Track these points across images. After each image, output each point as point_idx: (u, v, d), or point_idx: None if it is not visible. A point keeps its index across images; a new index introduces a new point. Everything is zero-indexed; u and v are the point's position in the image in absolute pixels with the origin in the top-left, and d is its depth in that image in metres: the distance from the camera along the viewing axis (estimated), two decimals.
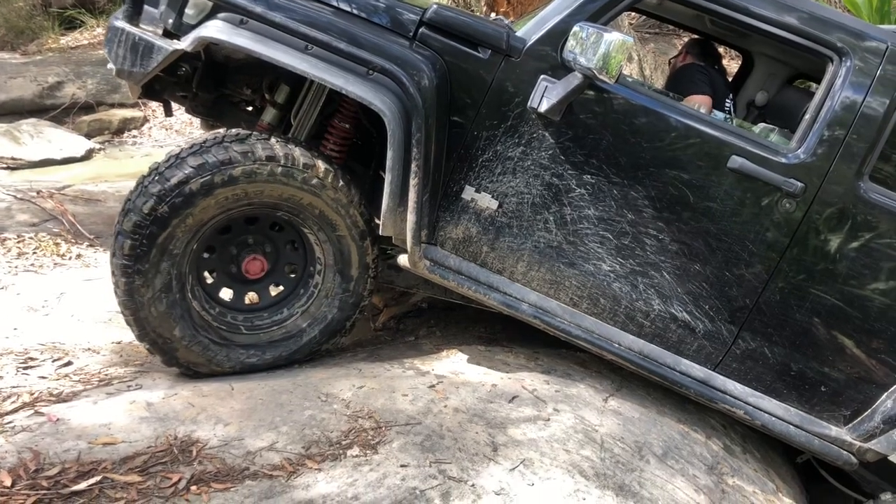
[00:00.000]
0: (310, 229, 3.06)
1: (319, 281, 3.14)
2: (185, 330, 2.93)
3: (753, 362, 3.15)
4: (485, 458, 2.56)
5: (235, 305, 3.17)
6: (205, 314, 3.04)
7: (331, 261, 3.10)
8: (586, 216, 3.05)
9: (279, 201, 2.93)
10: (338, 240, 3.06)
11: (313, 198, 2.94)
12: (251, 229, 3.10)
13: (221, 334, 3.06)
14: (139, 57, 2.84)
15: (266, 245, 3.14)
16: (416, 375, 3.09)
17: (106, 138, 8.92)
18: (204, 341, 2.98)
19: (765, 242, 3.01)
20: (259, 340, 3.13)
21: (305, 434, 2.54)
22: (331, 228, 3.03)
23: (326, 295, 3.14)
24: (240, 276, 3.12)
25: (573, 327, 3.16)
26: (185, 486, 2.22)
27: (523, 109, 2.95)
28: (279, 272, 3.19)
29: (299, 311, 3.16)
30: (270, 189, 2.87)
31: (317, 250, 3.11)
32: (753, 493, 3.05)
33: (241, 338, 3.11)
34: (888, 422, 3.07)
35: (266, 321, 3.16)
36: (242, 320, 3.14)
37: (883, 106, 2.90)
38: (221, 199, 2.81)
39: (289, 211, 2.99)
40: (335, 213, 2.99)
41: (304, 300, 3.17)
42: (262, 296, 3.20)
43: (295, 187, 2.89)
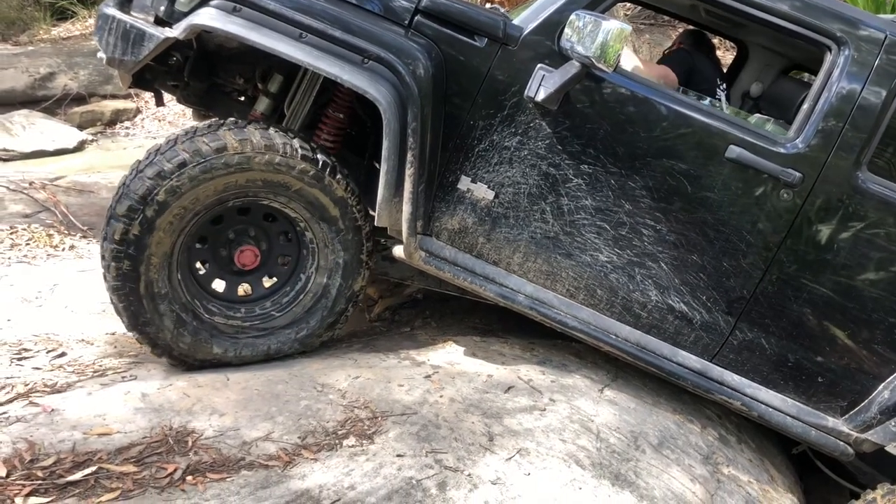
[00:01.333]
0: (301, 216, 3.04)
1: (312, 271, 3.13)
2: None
3: (750, 353, 3.15)
4: (481, 448, 2.55)
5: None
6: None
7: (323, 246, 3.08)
8: (583, 206, 3.04)
9: (271, 190, 2.91)
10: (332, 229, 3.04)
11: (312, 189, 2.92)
12: (244, 220, 3.07)
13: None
14: (130, 45, 2.80)
15: (261, 237, 3.12)
16: (411, 366, 3.08)
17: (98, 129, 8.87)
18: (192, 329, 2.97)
19: (762, 233, 3.00)
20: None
21: (301, 424, 2.53)
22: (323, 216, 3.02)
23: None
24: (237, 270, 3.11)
25: (570, 318, 3.15)
26: (180, 476, 2.21)
27: (520, 98, 2.94)
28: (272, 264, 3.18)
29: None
30: (263, 176, 2.85)
31: (308, 236, 3.08)
32: (749, 483, 3.06)
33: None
34: (885, 412, 3.07)
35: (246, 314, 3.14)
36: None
37: (881, 96, 2.89)
38: (220, 186, 2.80)
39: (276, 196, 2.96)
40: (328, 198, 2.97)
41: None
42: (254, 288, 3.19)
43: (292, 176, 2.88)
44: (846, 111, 2.90)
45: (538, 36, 2.93)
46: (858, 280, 3.01)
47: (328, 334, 3.17)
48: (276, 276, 3.16)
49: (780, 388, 3.17)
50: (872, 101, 2.89)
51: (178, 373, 2.95)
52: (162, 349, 2.94)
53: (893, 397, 3.06)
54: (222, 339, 3.03)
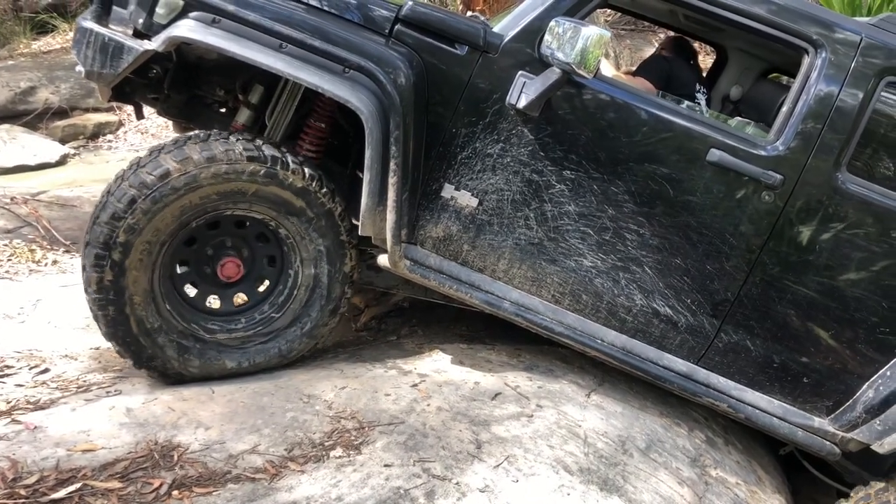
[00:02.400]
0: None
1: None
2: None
3: (736, 355, 3.16)
4: (469, 456, 2.55)
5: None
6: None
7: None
8: (567, 212, 3.04)
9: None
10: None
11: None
12: (216, 234, 3.05)
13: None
14: (109, 58, 2.79)
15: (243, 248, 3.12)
16: (398, 375, 3.07)
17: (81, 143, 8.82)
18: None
19: (744, 235, 3.02)
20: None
21: (288, 436, 2.52)
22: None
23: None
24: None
25: (556, 324, 3.15)
26: (166, 491, 2.20)
27: (502, 106, 2.94)
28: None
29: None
30: (216, 189, 2.82)
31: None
32: (736, 485, 3.06)
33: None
34: (870, 411, 3.08)
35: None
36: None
37: (858, 98, 2.92)
38: (176, 211, 2.79)
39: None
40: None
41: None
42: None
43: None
44: (824, 113, 2.93)
45: (518, 43, 2.94)
46: (840, 280, 3.03)
47: (333, 321, 3.15)
48: (267, 278, 3.15)
49: (766, 389, 3.18)
50: (850, 103, 2.92)
51: (163, 387, 2.93)
52: (174, 377, 2.97)
53: (878, 396, 3.07)
54: (232, 353, 3.04)
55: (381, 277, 3.53)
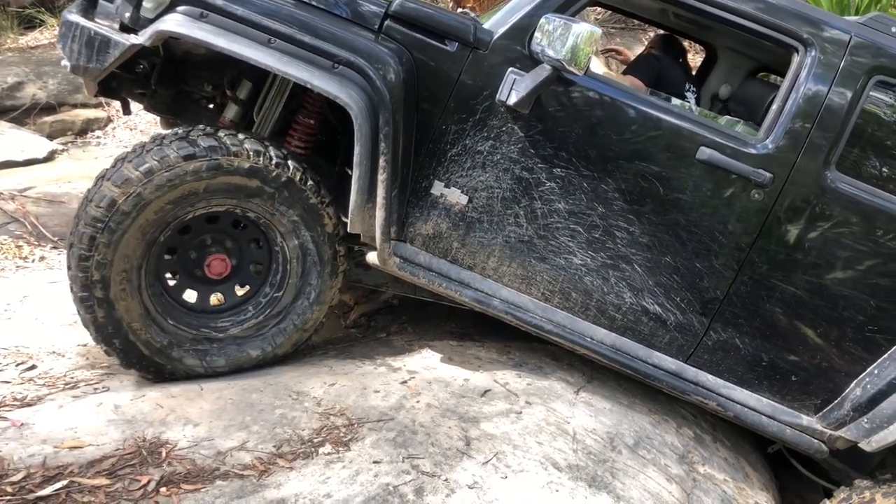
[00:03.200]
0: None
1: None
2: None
3: (725, 353, 3.17)
4: (458, 453, 2.55)
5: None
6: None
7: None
8: (557, 210, 3.04)
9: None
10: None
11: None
12: (192, 236, 3.03)
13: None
14: (95, 52, 2.76)
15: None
16: (387, 372, 3.07)
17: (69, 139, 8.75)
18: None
19: (734, 233, 3.02)
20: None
21: (276, 433, 2.51)
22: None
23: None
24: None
25: (545, 322, 3.15)
26: (154, 487, 2.19)
27: (492, 103, 2.94)
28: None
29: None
30: (165, 201, 2.78)
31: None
32: (724, 481, 3.07)
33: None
34: (857, 409, 3.09)
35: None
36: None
37: (847, 97, 2.93)
38: (137, 232, 2.77)
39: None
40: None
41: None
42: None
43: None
44: (814, 112, 2.94)
45: (509, 40, 2.93)
46: (829, 279, 3.04)
47: (336, 282, 3.10)
48: (258, 261, 3.13)
49: (755, 387, 3.19)
50: (839, 102, 2.93)
51: (151, 384, 2.92)
52: (208, 379, 2.97)
53: (866, 394, 3.08)
54: (252, 342, 3.06)
55: (371, 275, 3.52)
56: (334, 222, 3.03)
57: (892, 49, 2.94)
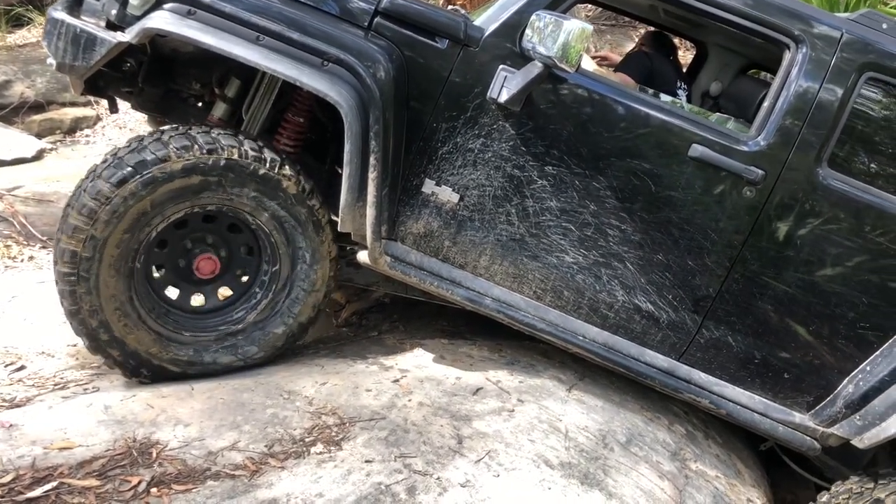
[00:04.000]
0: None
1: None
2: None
3: (717, 351, 3.16)
4: (450, 451, 2.54)
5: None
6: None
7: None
8: (548, 208, 3.04)
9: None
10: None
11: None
12: (174, 246, 3.00)
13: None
14: (81, 50, 2.74)
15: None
16: (379, 370, 3.06)
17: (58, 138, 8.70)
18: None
19: (726, 231, 3.02)
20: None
21: (268, 432, 2.50)
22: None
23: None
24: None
25: (537, 321, 3.14)
26: (145, 488, 2.18)
27: (483, 100, 2.93)
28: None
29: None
30: (132, 220, 2.74)
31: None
32: (716, 478, 3.08)
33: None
34: (850, 406, 3.09)
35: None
36: None
37: (838, 94, 2.93)
38: (108, 263, 2.75)
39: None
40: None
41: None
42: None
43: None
44: (805, 109, 2.93)
45: (499, 37, 2.92)
46: (820, 276, 3.04)
47: (324, 235, 3.01)
48: (247, 245, 3.08)
49: (748, 385, 3.19)
50: (830, 99, 2.93)
51: (142, 384, 2.90)
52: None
53: (858, 391, 3.09)
54: (272, 321, 3.05)
55: (362, 274, 3.51)
56: (295, 181, 2.91)
57: (882, 46, 2.94)
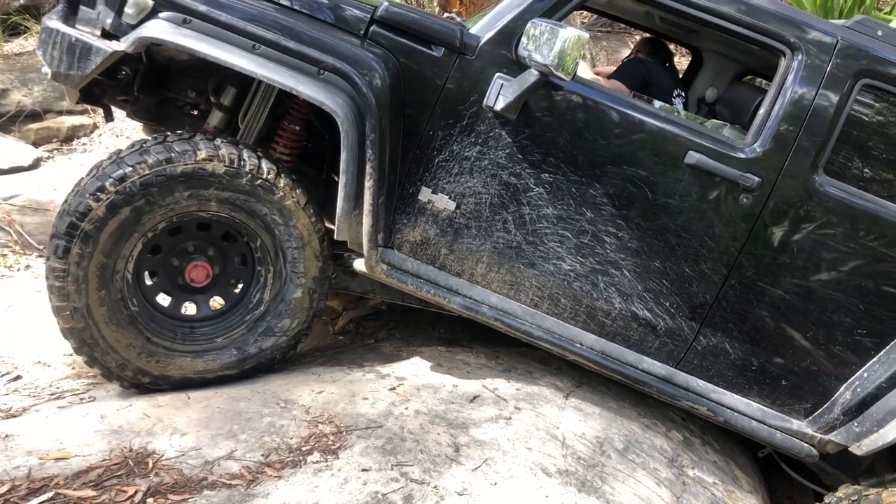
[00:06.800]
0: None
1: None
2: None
3: (715, 358, 3.16)
4: (447, 459, 2.53)
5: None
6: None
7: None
8: (545, 215, 3.03)
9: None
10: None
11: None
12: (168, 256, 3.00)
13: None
14: (76, 59, 2.73)
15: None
16: (376, 378, 3.05)
17: (55, 146, 8.69)
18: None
19: (723, 237, 3.02)
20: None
21: (264, 441, 2.49)
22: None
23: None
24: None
25: (534, 328, 3.14)
26: (141, 498, 2.17)
27: (479, 108, 2.93)
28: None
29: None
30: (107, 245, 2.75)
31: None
32: (714, 485, 3.07)
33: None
34: (847, 413, 3.09)
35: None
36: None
37: (834, 100, 2.93)
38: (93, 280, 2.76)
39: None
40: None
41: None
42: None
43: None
44: (801, 116, 2.94)
45: (495, 45, 2.92)
46: (817, 282, 3.04)
47: (311, 226, 2.96)
48: (250, 248, 3.05)
49: (745, 392, 3.18)
50: (826, 106, 2.93)
51: (138, 393, 2.89)
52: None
53: (855, 398, 3.08)
54: (289, 289, 3.02)
55: (358, 282, 3.50)
56: (249, 168, 2.83)
57: (877, 52, 2.94)
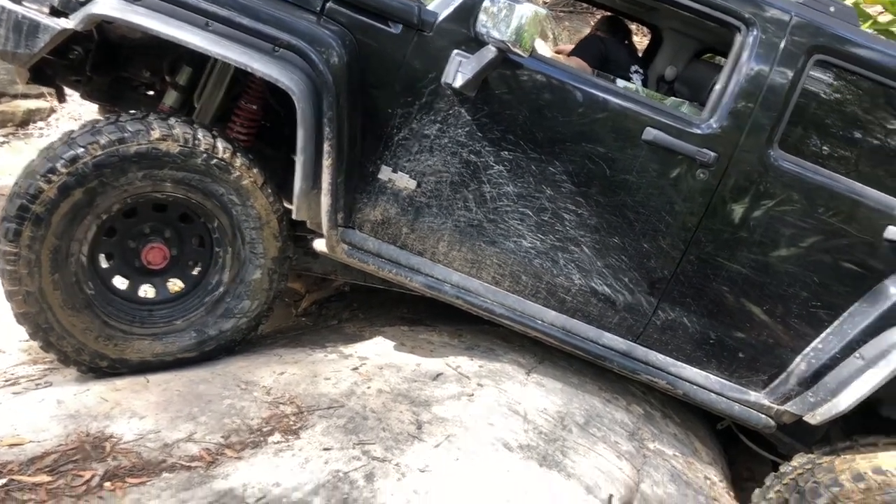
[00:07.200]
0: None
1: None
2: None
3: (674, 332, 3.20)
4: (409, 437, 2.54)
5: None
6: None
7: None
8: (505, 193, 3.04)
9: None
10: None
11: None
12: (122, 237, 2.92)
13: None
14: (23, 37, 2.65)
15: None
16: (338, 359, 3.04)
17: (10, 131, 8.51)
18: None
19: (680, 213, 3.05)
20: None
21: (225, 423, 2.47)
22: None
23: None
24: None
25: (496, 306, 3.15)
26: (98, 482, 2.14)
27: (438, 85, 2.92)
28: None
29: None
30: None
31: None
32: (674, 457, 3.11)
33: None
34: (803, 384, 3.15)
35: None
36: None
37: (788, 76, 2.96)
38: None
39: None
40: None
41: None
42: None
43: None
44: (756, 92, 2.97)
45: (453, 21, 2.90)
46: (773, 257, 3.09)
47: (269, 205, 2.90)
48: (208, 229, 2.98)
49: (704, 365, 3.23)
50: (781, 82, 2.96)
51: (96, 378, 2.85)
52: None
53: (810, 368, 3.15)
54: (248, 269, 2.98)
55: (320, 263, 3.49)
56: (204, 147, 2.76)
57: (831, 28, 2.98)
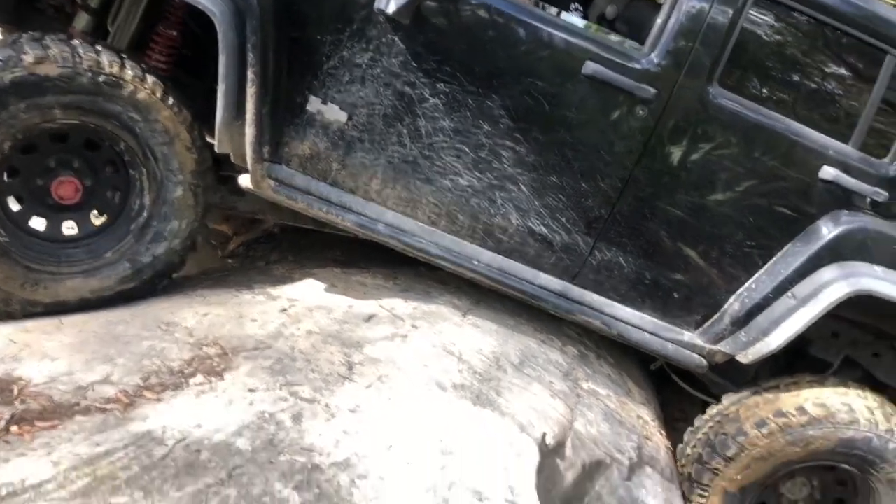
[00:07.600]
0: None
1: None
2: None
3: (609, 273, 3.17)
4: (339, 378, 2.46)
5: None
6: None
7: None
8: (441, 128, 2.94)
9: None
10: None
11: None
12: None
13: None
14: None
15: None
16: (266, 300, 2.93)
17: None
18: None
19: (618, 152, 2.99)
20: None
21: (144, 365, 2.35)
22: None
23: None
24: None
25: (432, 246, 3.07)
26: (3, 426, 2.00)
27: (370, 11, 2.77)
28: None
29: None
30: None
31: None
32: (607, 396, 3.12)
33: None
34: (735, 323, 3.18)
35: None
36: None
37: (728, 14, 2.91)
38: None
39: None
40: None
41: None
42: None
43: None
44: (696, 30, 2.91)
45: None
46: (709, 198, 3.07)
47: (175, 116, 2.75)
48: (117, 152, 2.82)
49: (638, 305, 3.23)
50: (720, 20, 2.91)
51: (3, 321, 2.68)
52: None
53: (743, 308, 3.17)
54: (168, 188, 2.83)
55: (246, 201, 3.35)
56: (87, 65, 2.58)
57: None
